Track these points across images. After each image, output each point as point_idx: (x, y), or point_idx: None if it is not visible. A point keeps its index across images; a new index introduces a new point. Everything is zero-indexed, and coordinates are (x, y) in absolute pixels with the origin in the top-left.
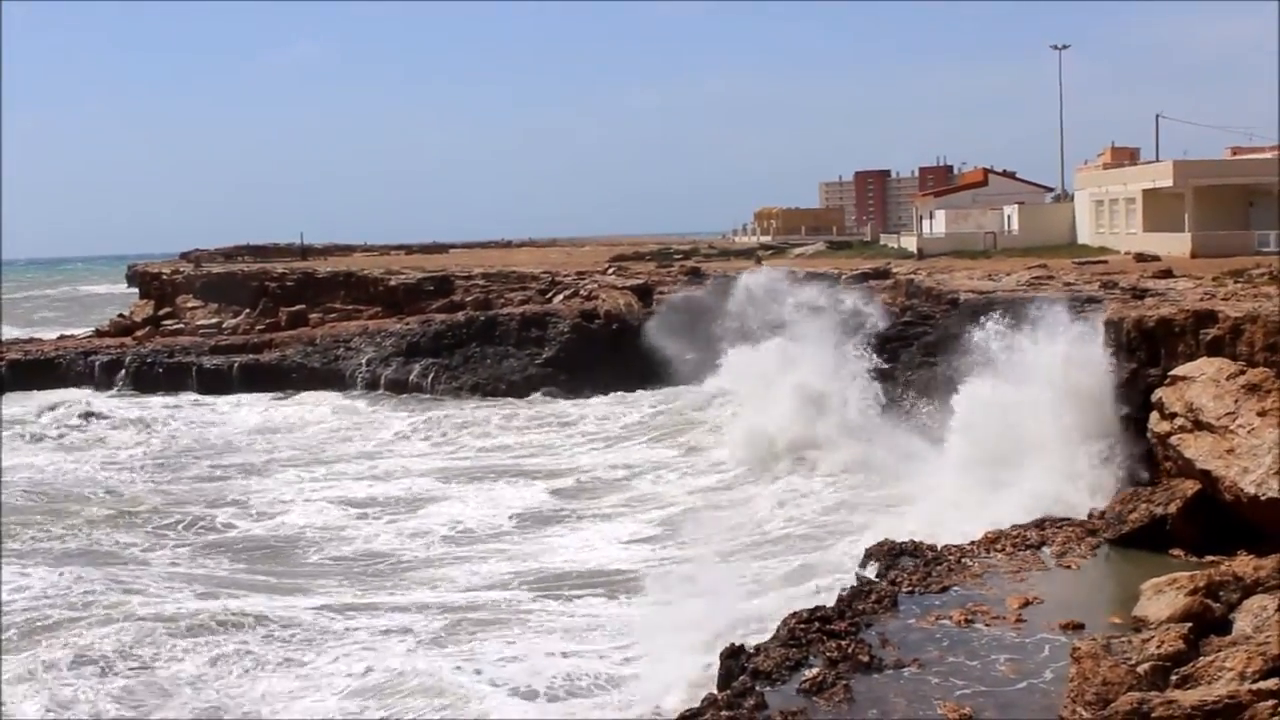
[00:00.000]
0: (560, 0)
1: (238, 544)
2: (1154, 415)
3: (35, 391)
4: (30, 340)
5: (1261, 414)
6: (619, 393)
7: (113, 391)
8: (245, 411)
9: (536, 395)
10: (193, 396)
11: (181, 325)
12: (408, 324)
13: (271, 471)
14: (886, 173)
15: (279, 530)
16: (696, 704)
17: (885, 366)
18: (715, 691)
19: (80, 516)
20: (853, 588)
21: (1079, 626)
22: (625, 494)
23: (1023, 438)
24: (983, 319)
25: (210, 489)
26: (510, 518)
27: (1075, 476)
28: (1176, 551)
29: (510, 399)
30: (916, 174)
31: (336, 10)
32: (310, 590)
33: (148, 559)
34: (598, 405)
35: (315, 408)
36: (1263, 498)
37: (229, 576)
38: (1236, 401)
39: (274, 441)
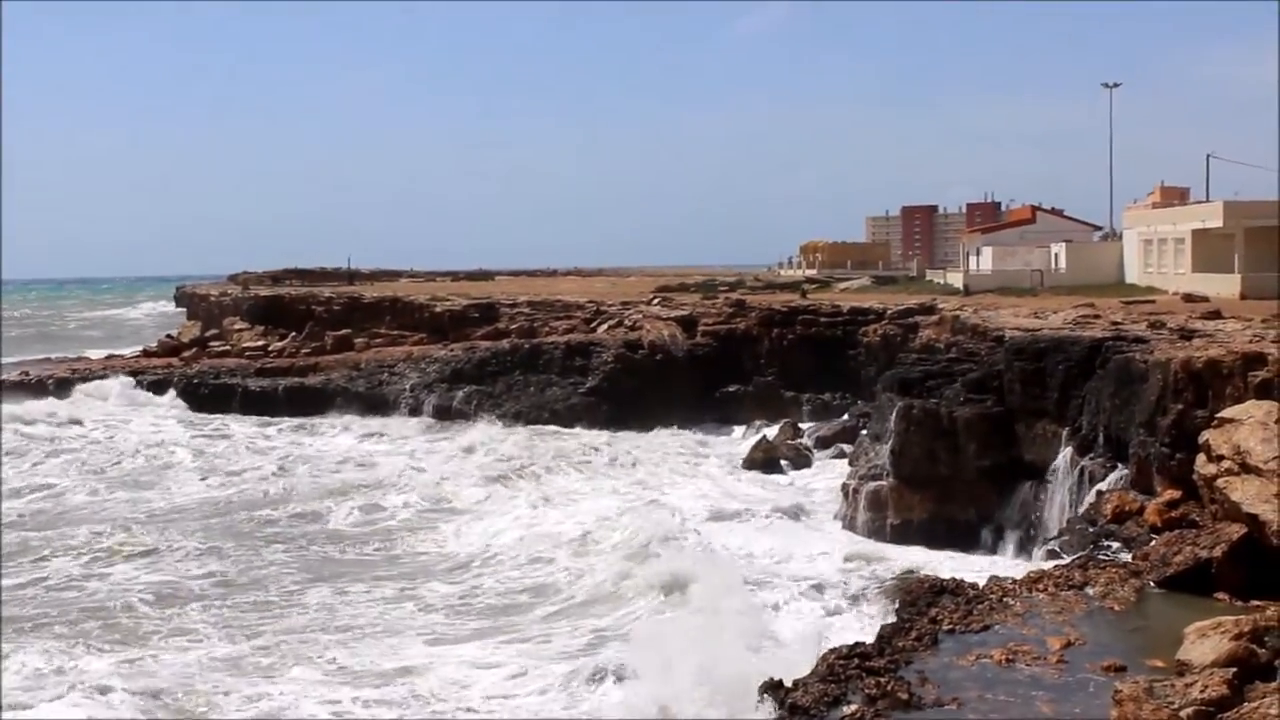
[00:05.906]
0: (609, 24)
1: None
2: (1200, 458)
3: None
4: (79, 359)
5: None
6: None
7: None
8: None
9: None
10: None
11: (228, 347)
12: (452, 351)
13: None
14: (933, 208)
15: None
16: None
17: None
18: None
19: None
20: (893, 624)
21: (1121, 669)
22: None
23: None
24: None
25: None
26: None
27: None
28: (1221, 595)
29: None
30: (964, 210)
31: (393, 38)
32: None
33: None
34: None
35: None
36: None
37: None
38: None
39: None
